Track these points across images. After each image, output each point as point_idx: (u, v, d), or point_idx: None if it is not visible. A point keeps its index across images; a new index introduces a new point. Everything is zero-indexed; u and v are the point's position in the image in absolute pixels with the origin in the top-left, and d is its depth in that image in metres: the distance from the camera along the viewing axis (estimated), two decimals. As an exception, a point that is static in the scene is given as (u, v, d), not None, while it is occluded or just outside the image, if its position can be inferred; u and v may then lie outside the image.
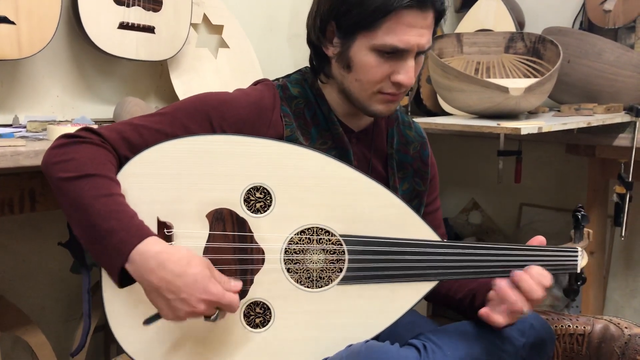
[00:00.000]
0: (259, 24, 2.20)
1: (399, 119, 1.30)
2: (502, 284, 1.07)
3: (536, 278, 1.06)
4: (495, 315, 1.08)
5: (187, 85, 1.89)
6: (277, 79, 1.24)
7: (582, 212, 1.23)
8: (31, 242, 1.76)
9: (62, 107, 1.75)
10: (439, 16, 1.12)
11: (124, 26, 1.68)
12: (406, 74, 1.10)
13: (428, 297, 1.14)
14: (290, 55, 2.29)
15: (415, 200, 1.28)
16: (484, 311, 1.09)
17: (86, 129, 1.07)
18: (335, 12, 1.10)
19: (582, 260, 1.14)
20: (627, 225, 2.04)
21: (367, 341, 1.06)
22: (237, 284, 1.00)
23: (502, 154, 2.09)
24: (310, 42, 1.20)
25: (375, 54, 1.09)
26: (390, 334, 1.12)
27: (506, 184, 2.32)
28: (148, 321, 1.00)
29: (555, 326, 1.52)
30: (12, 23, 1.47)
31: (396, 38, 1.06)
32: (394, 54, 1.09)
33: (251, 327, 1.06)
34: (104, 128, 1.08)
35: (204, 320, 1.00)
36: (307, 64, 1.26)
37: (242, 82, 1.23)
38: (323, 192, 1.06)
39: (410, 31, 1.07)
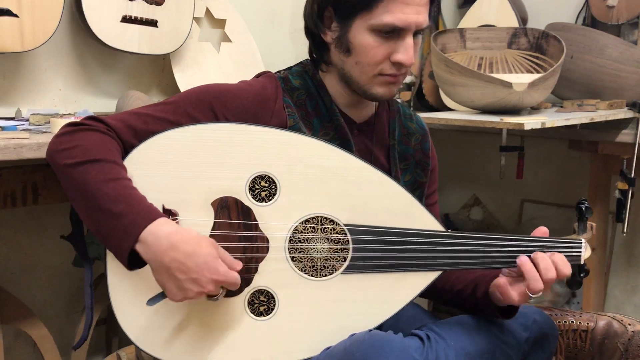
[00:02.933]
0: (261, 18, 2.20)
1: (400, 111, 1.31)
2: (523, 258, 1.07)
3: (555, 261, 1.06)
4: (511, 290, 1.08)
5: (189, 79, 1.88)
6: (279, 71, 1.25)
7: (586, 204, 1.23)
8: (33, 235, 1.76)
9: (65, 100, 1.75)
10: None
11: (126, 19, 1.68)
12: (405, 52, 1.10)
13: (424, 293, 1.13)
14: (292, 49, 2.28)
15: (417, 191, 1.28)
16: (502, 281, 1.09)
17: (91, 118, 1.07)
18: None
19: (586, 252, 1.14)
20: (629, 221, 2.04)
21: (370, 330, 1.06)
22: (239, 264, 1.01)
23: (505, 149, 2.08)
24: (308, 31, 1.20)
25: (373, 35, 1.09)
26: (392, 327, 1.12)
27: (508, 180, 2.32)
28: (152, 301, 1.00)
29: (559, 322, 1.52)
30: (15, 16, 1.46)
31: (394, 16, 1.07)
32: (392, 34, 1.09)
33: (255, 315, 1.06)
34: (109, 117, 1.09)
35: (207, 300, 1.01)
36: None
37: (244, 77, 1.23)
38: (328, 181, 1.06)
39: (407, 9, 1.07)
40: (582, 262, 1.13)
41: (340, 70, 1.17)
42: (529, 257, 1.08)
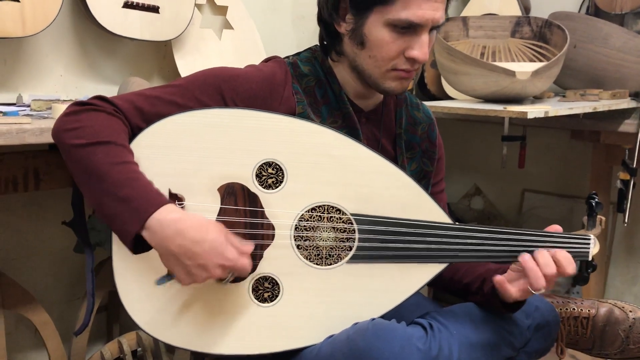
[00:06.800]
0: (263, 5, 2.18)
1: (407, 100, 1.30)
2: (526, 256, 1.07)
3: (559, 259, 1.05)
4: (509, 285, 1.08)
5: (191, 66, 1.87)
6: (288, 57, 1.23)
7: (596, 199, 1.21)
8: (35, 221, 1.75)
9: (66, 86, 1.74)
10: None
11: (128, 5, 1.67)
12: (420, 49, 1.09)
13: (430, 282, 1.13)
14: (294, 37, 2.27)
15: (423, 180, 1.28)
16: (499, 279, 1.09)
17: (99, 97, 1.06)
18: None
19: (594, 248, 1.13)
20: (630, 212, 2.04)
21: (373, 319, 1.05)
22: (250, 246, 1.00)
23: (506, 139, 2.07)
24: (321, 20, 1.19)
25: (389, 30, 1.08)
26: (394, 314, 1.12)
27: (509, 170, 2.32)
28: (160, 281, 1.01)
29: (560, 309, 1.52)
30: (17, 0, 1.45)
31: (411, 12, 1.06)
32: (408, 29, 1.08)
33: (259, 302, 1.06)
34: (117, 97, 1.07)
35: (217, 283, 1.02)
36: (310, 45, 1.25)
37: (245, 64, 1.23)
38: (336, 170, 1.06)
39: (425, 4, 1.06)
40: (590, 259, 1.12)
41: (352, 61, 1.16)
42: (531, 254, 1.07)
